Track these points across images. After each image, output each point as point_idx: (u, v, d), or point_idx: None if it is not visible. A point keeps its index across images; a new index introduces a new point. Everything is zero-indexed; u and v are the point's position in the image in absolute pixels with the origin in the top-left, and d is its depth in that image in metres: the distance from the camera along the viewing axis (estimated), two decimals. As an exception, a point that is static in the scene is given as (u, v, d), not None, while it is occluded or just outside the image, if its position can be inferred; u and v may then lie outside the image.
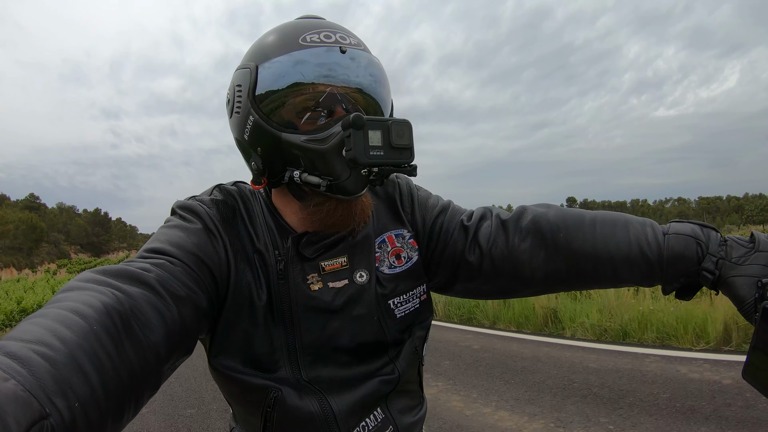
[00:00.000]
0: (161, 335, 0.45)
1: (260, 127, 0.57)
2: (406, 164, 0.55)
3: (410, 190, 0.74)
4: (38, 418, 0.31)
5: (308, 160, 0.57)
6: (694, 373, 3.23)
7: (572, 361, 3.79)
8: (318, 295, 0.60)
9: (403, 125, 0.54)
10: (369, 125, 0.52)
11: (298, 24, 0.60)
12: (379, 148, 0.52)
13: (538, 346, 4.41)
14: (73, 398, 0.34)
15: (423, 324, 0.70)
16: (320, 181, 0.56)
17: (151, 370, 0.44)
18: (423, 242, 0.71)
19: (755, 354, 0.50)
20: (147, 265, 0.50)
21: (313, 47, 0.56)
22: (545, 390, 3.24)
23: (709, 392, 2.86)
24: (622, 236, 0.61)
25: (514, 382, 3.48)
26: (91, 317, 0.40)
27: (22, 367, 0.33)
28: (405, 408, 0.69)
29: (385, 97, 0.62)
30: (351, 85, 0.57)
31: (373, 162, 0.52)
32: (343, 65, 0.57)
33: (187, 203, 0.61)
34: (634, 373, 3.36)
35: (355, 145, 0.51)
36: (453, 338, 5.14)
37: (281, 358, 0.59)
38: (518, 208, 0.70)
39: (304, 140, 0.56)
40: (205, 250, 0.56)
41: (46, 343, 0.36)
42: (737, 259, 0.55)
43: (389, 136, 0.53)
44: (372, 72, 0.59)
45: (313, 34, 0.57)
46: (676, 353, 3.73)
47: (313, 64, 0.56)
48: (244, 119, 0.59)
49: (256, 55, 0.59)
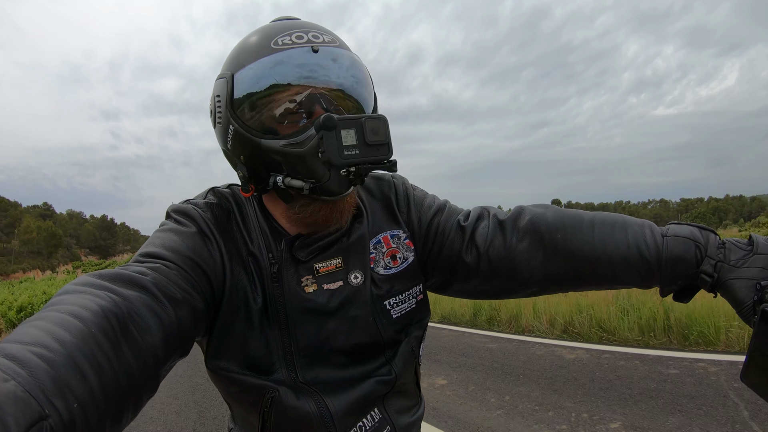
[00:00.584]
0: (159, 338, 0.46)
1: (240, 135, 0.57)
2: (384, 161, 0.53)
3: (406, 190, 0.74)
4: (38, 418, 0.31)
5: (289, 165, 0.56)
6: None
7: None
8: (313, 297, 0.60)
9: (378, 120, 0.53)
10: (341, 124, 0.51)
11: (270, 27, 0.60)
12: (354, 147, 0.51)
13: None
14: (72, 399, 0.34)
15: (420, 324, 0.70)
16: (303, 185, 0.56)
17: (150, 372, 0.44)
18: (419, 243, 0.71)
19: (754, 356, 0.49)
20: (143, 269, 0.50)
21: (285, 50, 0.56)
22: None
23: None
24: (620, 238, 0.60)
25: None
26: (89, 320, 0.40)
27: (21, 368, 0.33)
28: (402, 408, 0.69)
29: (364, 93, 0.61)
30: (327, 85, 0.56)
31: (348, 162, 0.51)
32: (317, 65, 0.56)
33: (182, 207, 0.62)
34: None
35: (328, 146, 0.51)
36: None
37: (277, 360, 0.60)
38: (516, 208, 0.69)
39: (282, 145, 0.55)
40: (200, 254, 0.56)
41: (44, 345, 0.36)
42: (736, 262, 0.55)
43: (363, 133, 0.52)
44: (349, 69, 0.58)
45: (285, 36, 0.57)
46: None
47: (286, 66, 0.55)
48: (225, 129, 0.59)
49: (232, 63, 0.59)
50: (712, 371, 3.15)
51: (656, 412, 2.65)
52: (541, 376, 3.49)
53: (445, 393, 3.39)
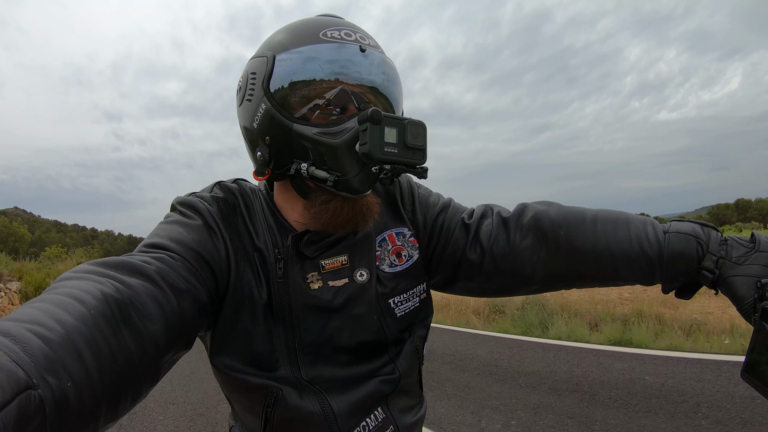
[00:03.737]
0: (161, 326, 0.45)
1: (271, 115, 0.57)
2: (418, 165, 0.55)
3: (411, 188, 0.74)
4: (24, 387, 0.31)
5: (318, 154, 0.56)
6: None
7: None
8: (318, 293, 0.60)
9: (419, 126, 0.54)
10: (386, 122, 0.52)
11: (318, 20, 0.60)
12: (393, 146, 0.52)
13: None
14: (66, 377, 0.34)
15: (423, 323, 0.70)
16: (327, 176, 0.55)
17: (150, 360, 0.44)
18: (423, 240, 0.71)
19: (754, 354, 0.50)
20: (147, 258, 0.50)
21: (334, 43, 0.56)
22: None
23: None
24: (623, 234, 0.61)
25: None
26: (89, 303, 0.40)
27: (14, 344, 0.33)
28: (405, 408, 0.68)
29: (399, 99, 0.63)
30: (367, 83, 0.57)
31: (387, 159, 0.52)
32: (362, 64, 0.57)
33: (188, 199, 0.61)
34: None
35: (370, 139, 0.51)
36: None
37: (281, 357, 0.59)
38: (519, 205, 0.70)
39: (316, 132, 0.55)
40: (205, 247, 0.56)
41: (43, 324, 0.36)
42: (737, 259, 0.55)
43: (404, 135, 0.53)
44: (389, 74, 0.60)
45: (334, 30, 0.57)
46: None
47: (332, 59, 0.56)
48: (255, 107, 0.59)
49: (274, 45, 0.59)
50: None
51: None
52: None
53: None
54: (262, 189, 0.67)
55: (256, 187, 0.68)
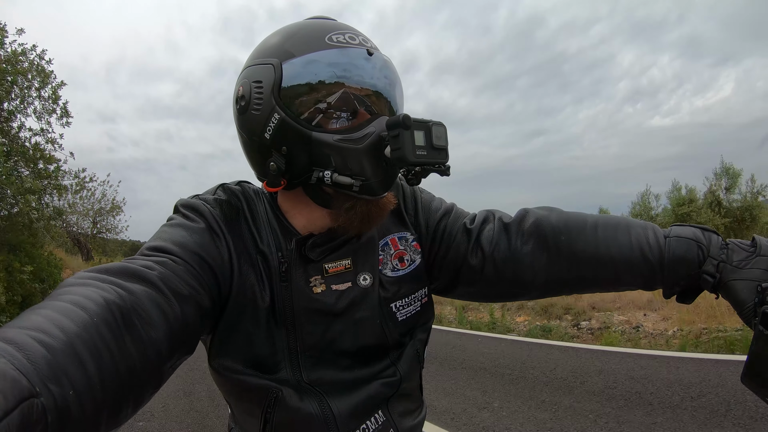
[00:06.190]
0: (163, 332, 0.45)
1: (287, 125, 0.56)
2: (443, 165, 0.57)
3: (413, 192, 0.74)
4: (27, 395, 0.31)
5: (340, 160, 0.56)
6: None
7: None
8: (320, 297, 0.60)
9: (442, 127, 0.56)
10: (415, 126, 0.53)
11: (319, 24, 0.60)
12: (423, 148, 0.54)
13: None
14: (68, 385, 0.34)
15: (424, 327, 0.70)
16: (353, 182, 0.56)
17: (153, 367, 0.44)
18: (426, 245, 0.71)
19: (754, 358, 0.50)
20: (149, 263, 0.49)
21: (342, 47, 0.56)
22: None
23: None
24: (623, 239, 0.61)
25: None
26: (92, 310, 0.39)
27: (18, 351, 0.33)
28: (405, 411, 0.68)
29: (401, 102, 0.64)
30: (380, 89, 0.59)
31: (419, 161, 0.54)
32: (371, 68, 0.58)
33: (191, 202, 0.61)
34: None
35: (404, 144, 0.52)
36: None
37: (282, 359, 0.59)
38: (520, 210, 0.70)
39: (337, 139, 0.55)
40: (208, 250, 0.56)
41: (45, 331, 0.35)
42: (738, 263, 0.55)
43: (431, 137, 0.55)
44: (394, 77, 0.62)
45: (338, 34, 0.57)
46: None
47: (345, 64, 0.56)
48: (266, 117, 0.57)
49: (278, 51, 0.58)
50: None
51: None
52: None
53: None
54: (266, 192, 0.67)
55: (260, 189, 0.68)
